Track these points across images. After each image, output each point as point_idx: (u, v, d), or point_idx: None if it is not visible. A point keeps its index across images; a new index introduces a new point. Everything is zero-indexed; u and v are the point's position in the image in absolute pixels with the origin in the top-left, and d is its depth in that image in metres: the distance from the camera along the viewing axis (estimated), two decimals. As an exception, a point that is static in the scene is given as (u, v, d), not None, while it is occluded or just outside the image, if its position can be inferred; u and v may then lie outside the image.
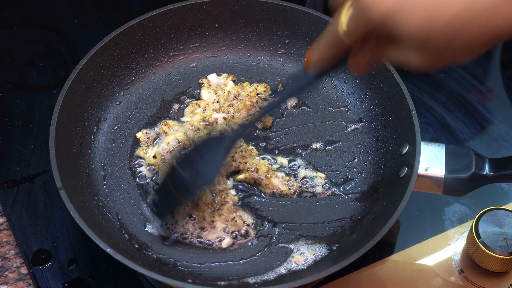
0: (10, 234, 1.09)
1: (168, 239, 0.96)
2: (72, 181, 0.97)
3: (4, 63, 1.31)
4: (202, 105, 1.12)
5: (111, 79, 1.11)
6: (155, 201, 0.99)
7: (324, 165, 1.07)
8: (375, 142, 1.08)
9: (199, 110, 1.11)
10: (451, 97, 1.27)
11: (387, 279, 1.02)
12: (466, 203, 1.11)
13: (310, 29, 1.15)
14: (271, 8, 1.15)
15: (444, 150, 0.97)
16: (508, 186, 1.14)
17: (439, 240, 1.07)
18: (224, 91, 1.13)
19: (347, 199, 1.03)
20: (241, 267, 0.96)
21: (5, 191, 1.12)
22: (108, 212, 1.00)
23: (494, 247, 0.98)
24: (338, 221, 1.01)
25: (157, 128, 1.09)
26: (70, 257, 1.05)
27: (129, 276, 1.03)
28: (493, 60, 1.35)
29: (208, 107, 1.12)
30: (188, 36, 1.17)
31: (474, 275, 1.02)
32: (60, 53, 1.33)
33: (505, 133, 1.22)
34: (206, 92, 1.14)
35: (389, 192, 0.99)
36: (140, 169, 1.05)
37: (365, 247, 0.87)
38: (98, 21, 1.39)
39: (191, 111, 1.11)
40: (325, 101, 1.14)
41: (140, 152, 1.06)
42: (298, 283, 0.86)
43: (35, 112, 1.22)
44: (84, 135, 1.06)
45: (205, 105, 1.12)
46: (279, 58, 1.19)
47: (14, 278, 1.04)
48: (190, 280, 0.91)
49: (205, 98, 1.13)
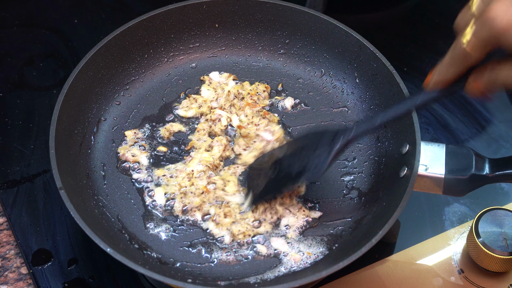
0: (10, 234, 1.09)
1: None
2: (72, 181, 0.97)
3: (4, 63, 1.31)
4: (200, 101, 1.12)
5: (111, 79, 1.11)
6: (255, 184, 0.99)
7: (324, 165, 1.07)
8: (375, 142, 1.08)
9: (195, 105, 1.11)
10: (451, 97, 1.27)
11: (387, 279, 1.02)
12: (466, 203, 1.11)
13: (310, 29, 1.15)
14: (271, 8, 1.15)
15: (444, 150, 0.97)
16: (508, 186, 1.14)
17: (439, 240, 1.07)
18: (223, 90, 1.13)
19: (347, 199, 1.03)
20: (241, 267, 0.96)
21: (5, 191, 1.12)
22: (108, 212, 1.00)
23: (494, 247, 0.98)
24: (338, 221, 1.01)
25: (147, 130, 1.09)
26: (70, 257, 1.05)
27: (129, 276, 1.03)
28: (493, 60, 1.35)
29: (205, 104, 1.12)
30: (188, 36, 1.17)
31: (474, 275, 1.02)
32: (60, 53, 1.33)
33: (505, 133, 1.22)
34: (206, 89, 1.14)
35: (389, 192, 0.99)
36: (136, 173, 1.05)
37: (365, 247, 0.87)
38: (98, 21, 1.39)
39: (186, 105, 1.11)
40: (325, 101, 1.14)
41: (121, 150, 1.06)
42: (298, 283, 0.86)
43: (35, 112, 1.22)
44: (84, 135, 1.06)
45: (203, 101, 1.12)
46: (279, 58, 1.19)
47: (14, 278, 1.04)
48: (190, 280, 0.91)
49: (204, 95, 1.13)
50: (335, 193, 1.04)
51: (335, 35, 1.13)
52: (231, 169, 1.05)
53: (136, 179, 1.04)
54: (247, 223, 0.99)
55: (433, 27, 1.40)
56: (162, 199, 1.02)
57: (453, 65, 0.83)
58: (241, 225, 0.98)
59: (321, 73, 1.16)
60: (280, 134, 1.06)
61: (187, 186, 1.02)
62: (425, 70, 1.31)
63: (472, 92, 0.84)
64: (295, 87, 1.16)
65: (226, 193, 1.01)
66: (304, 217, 1.00)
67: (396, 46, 1.36)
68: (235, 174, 1.04)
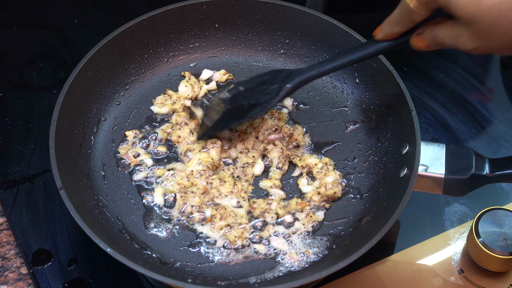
0: (10, 234, 1.09)
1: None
2: (72, 181, 0.97)
3: (4, 63, 1.31)
4: (174, 97, 1.12)
5: (111, 79, 1.11)
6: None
7: (324, 165, 1.07)
8: (375, 142, 1.08)
9: (169, 102, 1.11)
10: (451, 97, 1.27)
11: (387, 279, 1.02)
12: (466, 203, 1.11)
13: (310, 29, 1.15)
14: (271, 8, 1.15)
15: (444, 150, 0.97)
16: (508, 186, 1.14)
17: (439, 240, 1.07)
18: (200, 88, 1.13)
19: (347, 199, 1.03)
20: (241, 267, 0.96)
21: (5, 191, 1.12)
22: (108, 212, 1.00)
23: (494, 247, 0.98)
24: (338, 221, 1.01)
25: (147, 130, 1.09)
26: (70, 257, 1.05)
27: (129, 276, 1.03)
28: (493, 60, 1.35)
29: (179, 100, 1.12)
30: (188, 36, 1.17)
31: (474, 275, 1.02)
32: (60, 53, 1.33)
33: (505, 133, 1.22)
34: (184, 85, 1.14)
35: (389, 192, 0.99)
36: (138, 172, 1.05)
37: (365, 247, 0.87)
38: (98, 21, 1.39)
39: (161, 101, 1.11)
40: (325, 101, 1.14)
41: (122, 150, 1.06)
42: (298, 283, 0.86)
43: (35, 112, 1.22)
44: (84, 135, 1.06)
45: (177, 98, 1.12)
46: (279, 58, 1.19)
47: (14, 278, 1.04)
48: (190, 280, 0.91)
49: (180, 91, 1.13)
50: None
51: (335, 35, 1.13)
52: (230, 170, 1.05)
53: (136, 179, 1.04)
54: (244, 228, 0.99)
55: (433, 27, 1.40)
56: (162, 199, 1.02)
57: (399, 20, 0.90)
58: (236, 231, 0.98)
59: (321, 73, 1.16)
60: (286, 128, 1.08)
61: (187, 186, 1.02)
62: (425, 70, 1.31)
63: (415, 46, 0.91)
64: (295, 87, 1.16)
65: (220, 193, 1.01)
66: (311, 222, 1.00)
67: (396, 46, 1.36)
68: (232, 175, 1.04)
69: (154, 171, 1.05)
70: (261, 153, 1.06)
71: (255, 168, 1.05)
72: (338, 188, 1.02)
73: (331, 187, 1.02)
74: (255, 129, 1.08)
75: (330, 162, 1.06)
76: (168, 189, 1.02)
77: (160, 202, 1.01)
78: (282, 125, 1.08)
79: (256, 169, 1.05)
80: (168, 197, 1.02)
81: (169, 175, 1.04)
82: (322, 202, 1.02)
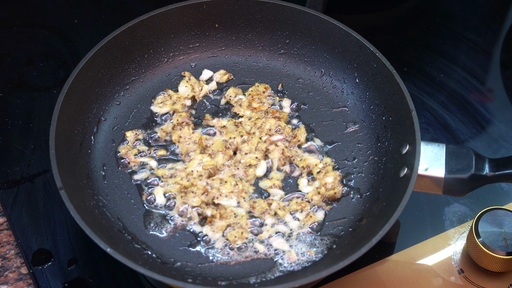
0: (10, 234, 1.09)
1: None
2: (72, 181, 0.97)
3: (4, 63, 1.31)
4: (174, 97, 1.12)
5: (111, 79, 1.11)
6: None
7: (324, 165, 1.07)
8: (375, 142, 1.08)
9: (169, 102, 1.11)
10: (451, 97, 1.27)
11: (387, 279, 1.02)
12: (466, 203, 1.11)
13: (310, 29, 1.15)
14: (271, 8, 1.15)
15: (444, 150, 0.97)
16: (508, 186, 1.14)
17: (439, 240, 1.07)
18: (201, 88, 1.13)
19: (347, 199, 1.03)
20: (241, 267, 0.96)
21: (5, 191, 1.12)
22: (108, 212, 1.00)
23: (494, 247, 0.98)
24: (338, 221, 1.01)
25: (147, 130, 1.09)
26: (70, 257, 1.05)
27: (129, 276, 1.03)
28: (493, 60, 1.35)
29: (179, 100, 1.12)
30: (188, 36, 1.17)
31: (474, 275, 1.02)
32: (60, 53, 1.33)
33: (505, 133, 1.22)
34: (184, 85, 1.14)
35: (389, 192, 0.99)
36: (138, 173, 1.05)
37: (365, 247, 0.87)
38: (98, 21, 1.39)
39: (161, 101, 1.11)
40: (325, 101, 1.14)
41: (122, 150, 1.06)
42: (298, 283, 0.86)
43: (35, 112, 1.22)
44: (84, 135, 1.06)
45: (177, 98, 1.12)
46: (279, 58, 1.19)
47: (14, 278, 1.04)
48: (190, 280, 0.91)
49: (180, 91, 1.13)
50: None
51: (335, 35, 1.13)
52: (231, 171, 1.05)
53: (136, 179, 1.04)
54: (244, 228, 0.99)
55: (433, 27, 1.40)
56: (162, 199, 1.02)
57: None
58: (236, 231, 0.98)
59: (321, 73, 1.16)
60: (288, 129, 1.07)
61: (187, 186, 1.02)
62: (425, 70, 1.31)
63: None
64: (295, 87, 1.16)
65: (220, 193, 1.01)
66: (310, 223, 1.00)
67: (396, 46, 1.36)
68: (233, 176, 1.04)
69: (154, 171, 1.05)
70: (264, 153, 1.06)
71: (258, 170, 1.05)
72: (338, 188, 1.02)
73: (331, 187, 1.02)
74: (259, 129, 1.08)
75: (330, 162, 1.06)
76: (168, 189, 1.02)
77: (161, 202, 1.01)
78: (285, 126, 1.08)
79: (259, 171, 1.05)
80: (169, 196, 1.02)
81: (169, 175, 1.04)
82: (322, 202, 1.02)
